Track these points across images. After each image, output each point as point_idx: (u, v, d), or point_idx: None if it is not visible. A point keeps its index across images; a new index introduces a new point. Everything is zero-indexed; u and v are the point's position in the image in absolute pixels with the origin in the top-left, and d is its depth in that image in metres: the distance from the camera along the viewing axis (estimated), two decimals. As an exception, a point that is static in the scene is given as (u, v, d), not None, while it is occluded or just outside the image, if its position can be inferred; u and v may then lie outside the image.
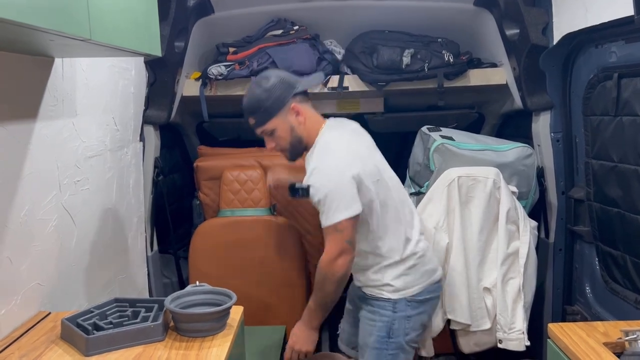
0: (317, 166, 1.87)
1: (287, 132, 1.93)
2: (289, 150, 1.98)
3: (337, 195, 1.83)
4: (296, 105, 1.91)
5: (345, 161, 1.87)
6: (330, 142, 1.93)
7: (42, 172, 1.60)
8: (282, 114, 1.91)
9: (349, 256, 1.86)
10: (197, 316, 1.45)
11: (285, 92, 1.91)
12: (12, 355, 1.34)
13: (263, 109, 1.91)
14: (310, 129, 1.95)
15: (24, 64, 1.51)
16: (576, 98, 2.34)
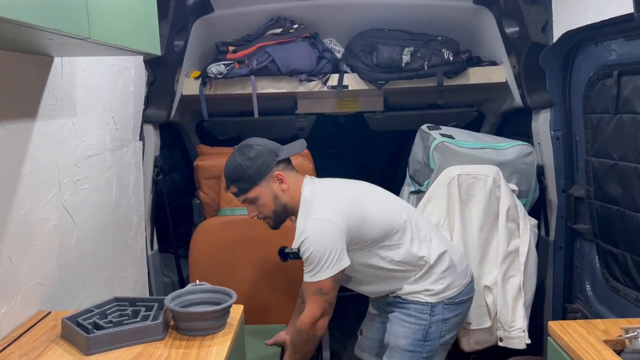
0: (304, 228, 1.88)
1: (271, 200, 1.95)
2: (273, 218, 2.00)
3: (324, 252, 1.84)
4: (279, 172, 1.93)
5: (329, 215, 1.87)
6: (311, 200, 1.93)
7: (42, 171, 1.60)
8: (265, 182, 1.93)
9: (328, 317, 1.92)
10: (197, 315, 1.45)
11: (268, 160, 1.93)
12: (13, 355, 1.34)
13: (246, 177, 1.92)
14: (294, 195, 1.96)
15: (23, 63, 1.51)
16: (576, 96, 2.34)
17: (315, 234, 1.86)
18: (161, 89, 2.50)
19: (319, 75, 2.69)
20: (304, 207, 1.94)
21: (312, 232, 1.87)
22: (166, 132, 2.78)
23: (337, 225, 1.86)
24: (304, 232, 1.88)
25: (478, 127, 3.18)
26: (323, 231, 1.86)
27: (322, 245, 1.85)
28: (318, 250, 1.84)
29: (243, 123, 3.42)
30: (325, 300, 1.89)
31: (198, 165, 2.78)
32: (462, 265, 2.04)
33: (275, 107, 3.12)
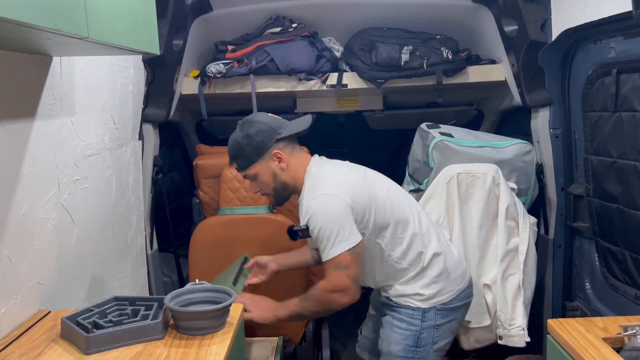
0: (310, 203, 1.85)
1: (270, 178, 1.94)
2: (273, 195, 2.00)
3: (334, 226, 1.80)
4: (278, 151, 1.91)
5: (336, 191, 1.85)
6: (317, 176, 1.91)
7: (41, 171, 1.59)
8: (264, 160, 1.92)
9: (350, 297, 1.84)
10: (197, 314, 1.45)
11: (266, 138, 1.91)
12: (12, 354, 1.34)
13: (244, 155, 1.92)
14: (296, 173, 1.94)
15: (22, 62, 1.51)
16: (575, 94, 2.34)
17: (321, 209, 1.83)
18: (160, 88, 2.50)
19: (318, 74, 2.69)
20: (309, 184, 1.90)
21: (319, 207, 1.83)
22: (165, 131, 2.78)
23: (344, 199, 1.83)
24: (309, 207, 1.84)
25: (477, 126, 3.18)
26: (330, 205, 1.83)
27: (330, 220, 1.81)
28: (327, 225, 1.80)
29: (242, 122, 3.41)
30: (348, 275, 1.81)
31: (197, 164, 2.78)
32: (458, 271, 1.99)
33: (274, 106, 3.11)
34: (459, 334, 2.33)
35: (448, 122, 2.75)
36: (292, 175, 1.94)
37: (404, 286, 1.94)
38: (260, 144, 1.91)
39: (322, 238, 1.81)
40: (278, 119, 1.98)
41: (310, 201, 1.85)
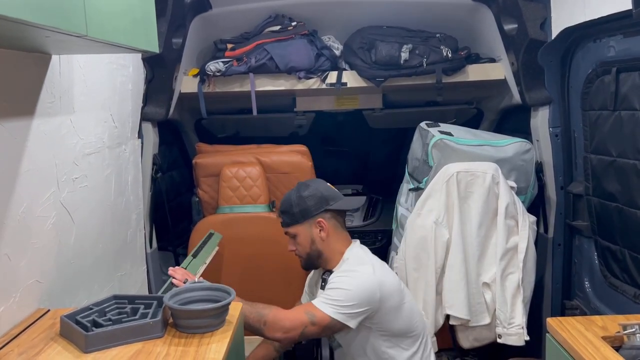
0: (352, 269, 1.95)
1: (308, 242, 2.04)
2: (305, 258, 2.09)
3: (350, 299, 1.87)
4: (323, 220, 2.02)
5: (376, 285, 1.91)
6: (363, 258, 2.02)
7: (40, 169, 1.59)
8: (308, 224, 2.03)
9: (288, 342, 1.94)
10: (196, 312, 1.45)
11: (317, 205, 2.02)
12: (11, 353, 1.34)
13: (292, 213, 2.04)
14: (332, 247, 2.04)
15: (21, 60, 1.51)
16: (575, 93, 2.34)
17: (360, 280, 1.91)
18: (159, 87, 2.49)
19: (318, 73, 2.69)
20: (354, 260, 2.00)
21: (363, 278, 1.92)
22: (165, 130, 2.78)
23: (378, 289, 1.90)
24: (351, 268, 1.95)
25: (477, 125, 3.18)
26: (368, 286, 1.90)
27: (357, 294, 1.88)
28: (351, 294, 1.88)
29: (242, 121, 3.42)
30: (305, 326, 1.88)
31: (197, 163, 2.78)
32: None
33: (274, 105, 3.12)
34: (457, 332, 2.33)
35: (448, 121, 2.75)
36: (329, 248, 2.04)
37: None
38: (309, 207, 2.02)
39: (334, 294, 1.89)
40: (333, 191, 2.10)
41: (357, 266, 1.96)
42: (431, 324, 2.26)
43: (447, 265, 2.25)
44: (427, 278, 2.26)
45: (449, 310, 2.25)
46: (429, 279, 2.25)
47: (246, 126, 3.52)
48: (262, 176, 2.68)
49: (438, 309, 2.28)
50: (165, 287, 1.90)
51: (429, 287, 2.26)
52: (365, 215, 3.56)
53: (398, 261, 2.35)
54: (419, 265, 2.27)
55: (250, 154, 2.77)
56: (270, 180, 2.72)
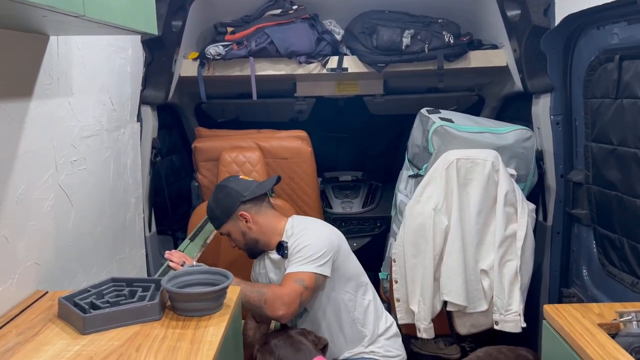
0: (302, 229, 2.09)
1: (240, 236, 2.16)
2: (246, 250, 2.21)
3: (319, 249, 2.01)
4: (243, 213, 2.13)
5: (329, 231, 2.14)
6: (303, 220, 2.19)
7: (38, 151, 1.59)
8: (232, 221, 2.15)
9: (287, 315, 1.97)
10: (194, 295, 1.45)
11: (232, 202, 2.14)
12: (10, 333, 1.35)
13: (216, 217, 2.18)
14: (264, 230, 2.15)
15: (18, 41, 1.49)
16: (577, 80, 2.32)
17: (316, 232, 2.09)
18: (159, 70, 2.48)
19: (319, 58, 2.67)
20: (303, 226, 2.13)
21: (315, 229, 2.10)
22: (164, 113, 2.76)
23: (331, 233, 2.12)
24: (305, 229, 2.08)
25: (478, 112, 3.17)
26: (324, 233, 2.11)
27: (320, 242, 2.03)
28: (314, 245, 2.01)
29: (242, 105, 3.40)
30: (301, 293, 1.96)
31: (196, 147, 2.77)
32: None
33: (274, 90, 3.10)
34: (455, 318, 2.34)
35: (449, 108, 2.73)
36: (262, 232, 2.15)
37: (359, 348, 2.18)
38: (227, 207, 2.14)
39: (303, 253, 2.00)
40: (248, 182, 2.22)
41: (308, 225, 2.13)
42: (428, 310, 2.27)
43: (445, 252, 2.26)
44: (425, 264, 2.26)
45: (447, 297, 2.26)
46: (427, 266, 2.26)
47: (246, 111, 3.50)
48: (261, 161, 2.68)
49: (436, 295, 2.28)
50: (162, 270, 1.91)
51: (426, 274, 2.26)
52: (365, 202, 3.56)
53: (396, 247, 2.35)
54: (417, 252, 2.28)
55: (250, 139, 2.76)
56: (270, 165, 2.72)
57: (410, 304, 2.32)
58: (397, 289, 2.36)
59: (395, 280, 2.36)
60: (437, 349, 2.63)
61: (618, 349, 1.34)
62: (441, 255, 2.26)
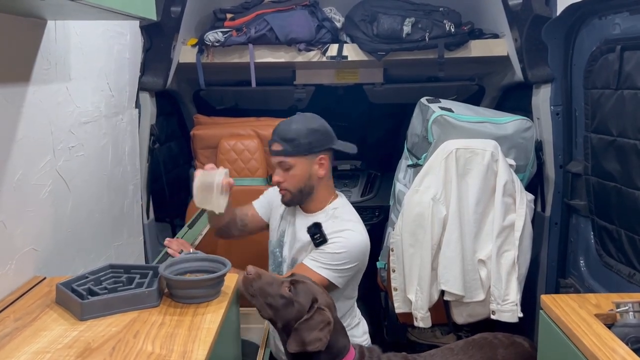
0: (345, 227, 1.89)
1: (304, 176, 1.91)
2: (295, 193, 1.94)
3: (349, 261, 1.87)
4: (325, 157, 1.92)
5: (366, 243, 1.93)
6: (353, 213, 1.98)
7: (36, 137, 1.58)
8: (310, 158, 1.90)
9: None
10: (192, 283, 1.45)
11: (325, 140, 1.92)
12: (7, 319, 1.35)
13: (298, 143, 1.88)
14: (323, 189, 1.96)
15: (15, 25, 1.48)
16: (577, 71, 2.31)
17: (356, 240, 1.89)
18: (157, 56, 2.46)
19: (318, 45, 2.65)
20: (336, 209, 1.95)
21: (358, 237, 1.89)
22: (163, 100, 2.75)
23: (367, 249, 1.93)
24: (351, 229, 1.89)
25: (478, 101, 3.16)
26: (362, 244, 1.90)
27: (354, 254, 1.88)
28: (348, 255, 1.87)
29: (240, 93, 3.38)
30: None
31: (195, 134, 2.76)
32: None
33: (273, 78, 3.08)
34: (452, 307, 2.35)
35: (449, 97, 2.72)
36: (321, 188, 1.95)
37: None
38: (317, 141, 1.90)
39: (331, 257, 1.86)
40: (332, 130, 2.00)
41: (348, 223, 1.91)
42: (426, 299, 2.28)
43: (443, 242, 2.26)
44: (422, 254, 2.27)
45: (444, 286, 2.26)
46: (424, 255, 2.26)
47: (245, 98, 3.49)
48: (260, 149, 2.67)
49: (433, 284, 2.29)
50: (160, 257, 1.90)
51: (424, 263, 2.27)
52: (363, 191, 3.56)
53: (394, 237, 2.35)
54: (415, 241, 2.28)
55: (249, 127, 2.75)
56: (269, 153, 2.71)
57: (407, 293, 2.33)
58: (395, 278, 2.36)
59: (393, 270, 2.36)
60: (434, 337, 2.65)
61: (614, 339, 1.35)
62: (439, 244, 2.27)
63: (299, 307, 1.60)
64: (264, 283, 1.63)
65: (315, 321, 1.58)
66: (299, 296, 1.61)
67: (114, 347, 1.22)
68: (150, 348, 1.22)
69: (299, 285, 1.63)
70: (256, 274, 1.63)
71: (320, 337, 1.56)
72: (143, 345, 1.23)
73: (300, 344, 1.56)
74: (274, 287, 1.63)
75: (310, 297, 1.61)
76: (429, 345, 2.63)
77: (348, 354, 1.66)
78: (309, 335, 1.56)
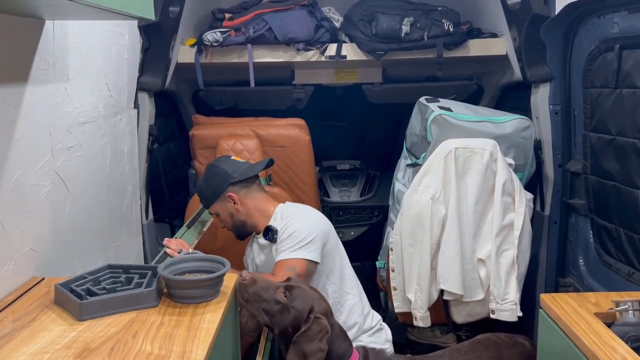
0: (290, 214, 2.07)
1: (228, 217, 2.16)
2: (233, 231, 2.21)
3: (310, 234, 1.99)
4: (232, 194, 2.12)
5: (319, 217, 2.13)
6: (292, 206, 2.18)
7: (34, 137, 1.57)
8: (220, 201, 2.15)
9: None
10: (191, 283, 1.45)
11: (221, 182, 2.13)
12: (6, 319, 1.35)
13: (205, 197, 2.18)
14: (252, 213, 2.14)
15: (13, 25, 1.47)
16: (576, 70, 2.31)
17: (306, 216, 2.07)
18: (156, 56, 2.46)
19: (317, 45, 2.65)
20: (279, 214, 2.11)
21: (304, 214, 2.09)
22: (161, 100, 2.75)
23: (320, 219, 2.10)
24: (293, 213, 2.07)
25: (477, 101, 3.16)
26: (314, 217, 2.09)
27: (309, 226, 2.01)
28: (305, 230, 1.99)
29: (239, 93, 3.38)
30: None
31: (193, 135, 2.76)
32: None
33: (272, 78, 3.08)
34: (451, 307, 2.35)
35: (448, 97, 2.72)
36: (249, 214, 2.14)
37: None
38: (215, 187, 2.14)
39: (293, 239, 1.98)
40: (239, 163, 2.20)
41: (293, 211, 2.10)
42: (425, 299, 2.28)
43: (442, 241, 2.26)
44: (422, 253, 2.27)
45: (443, 285, 2.26)
46: (424, 254, 2.26)
47: (244, 98, 3.48)
48: (259, 149, 2.66)
49: (432, 284, 2.29)
50: (159, 257, 1.90)
51: (423, 262, 2.27)
52: (362, 191, 3.56)
53: (394, 236, 2.35)
54: (415, 241, 2.28)
55: (248, 127, 2.75)
56: (268, 153, 2.71)
57: (407, 293, 2.33)
58: (394, 277, 2.36)
59: (393, 269, 2.36)
60: (433, 337, 2.65)
61: (614, 337, 1.34)
62: (438, 244, 2.27)
63: (295, 314, 1.60)
64: (259, 288, 1.62)
65: (314, 332, 1.58)
66: (294, 302, 1.62)
67: (113, 347, 1.22)
68: (149, 348, 1.22)
69: (294, 291, 1.64)
70: (251, 279, 1.63)
71: (321, 347, 1.57)
72: (142, 345, 1.23)
73: (301, 356, 1.56)
74: (269, 293, 1.63)
75: (307, 305, 1.62)
76: (428, 344, 2.63)
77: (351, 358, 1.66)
78: (308, 346, 1.56)
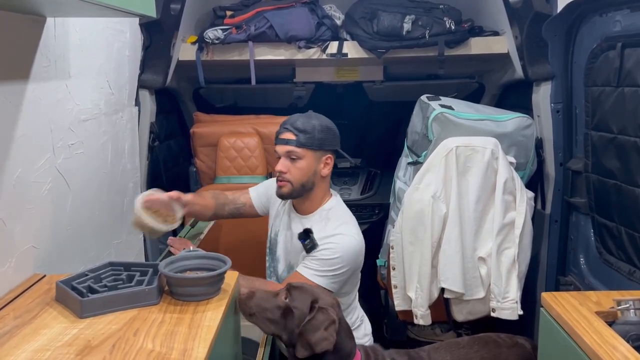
0: (337, 232, 1.88)
1: (309, 171, 1.90)
2: (296, 187, 1.92)
3: (343, 266, 1.86)
4: (331, 157, 1.94)
5: (361, 245, 1.92)
6: (347, 213, 1.98)
7: (35, 134, 1.57)
8: (319, 155, 1.91)
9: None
10: (192, 280, 1.45)
11: (334, 141, 1.95)
12: (7, 317, 1.35)
13: (312, 136, 1.88)
14: (321, 189, 1.96)
15: (14, 22, 1.47)
16: (578, 68, 2.31)
17: (349, 244, 1.87)
18: (157, 54, 2.46)
19: (318, 43, 2.65)
20: (330, 210, 1.95)
21: (350, 241, 1.88)
22: (162, 98, 2.74)
23: (361, 252, 1.93)
24: (343, 233, 1.88)
25: (478, 99, 3.15)
26: (356, 247, 1.89)
27: (347, 258, 1.87)
28: (341, 260, 1.85)
29: (240, 90, 3.38)
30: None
31: (194, 132, 2.76)
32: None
33: (273, 75, 3.08)
34: (452, 305, 2.35)
35: (449, 95, 2.72)
36: (320, 187, 1.95)
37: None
38: (328, 140, 1.92)
39: (324, 264, 1.85)
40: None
41: (342, 225, 1.90)
42: (426, 297, 2.28)
43: (443, 239, 2.26)
44: (422, 251, 2.27)
45: (444, 284, 2.26)
46: (424, 253, 2.26)
47: (245, 96, 3.48)
48: (260, 147, 2.67)
49: (433, 282, 2.29)
50: (163, 256, 1.91)
51: (424, 261, 2.27)
52: (363, 188, 3.56)
53: (394, 234, 2.35)
54: (415, 239, 2.28)
55: (249, 125, 2.75)
56: (268, 151, 2.71)
57: (407, 291, 2.33)
58: (395, 275, 2.36)
59: (393, 267, 2.36)
60: (434, 335, 2.65)
61: (615, 336, 1.35)
62: (439, 242, 2.27)
63: (299, 313, 1.58)
64: (259, 299, 1.61)
65: (318, 321, 1.56)
66: (295, 301, 1.60)
67: (114, 344, 1.22)
68: (151, 346, 1.22)
69: (294, 292, 1.62)
70: (249, 292, 1.61)
71: (326, 336, 1.53)
72: (143, 343, 1.23)
73: (307, 346, 1.54)
74: (270, 301, 1.61)
75: (309, 299, 1.60)
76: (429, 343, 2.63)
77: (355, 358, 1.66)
78: (314, 336, 1.54)
